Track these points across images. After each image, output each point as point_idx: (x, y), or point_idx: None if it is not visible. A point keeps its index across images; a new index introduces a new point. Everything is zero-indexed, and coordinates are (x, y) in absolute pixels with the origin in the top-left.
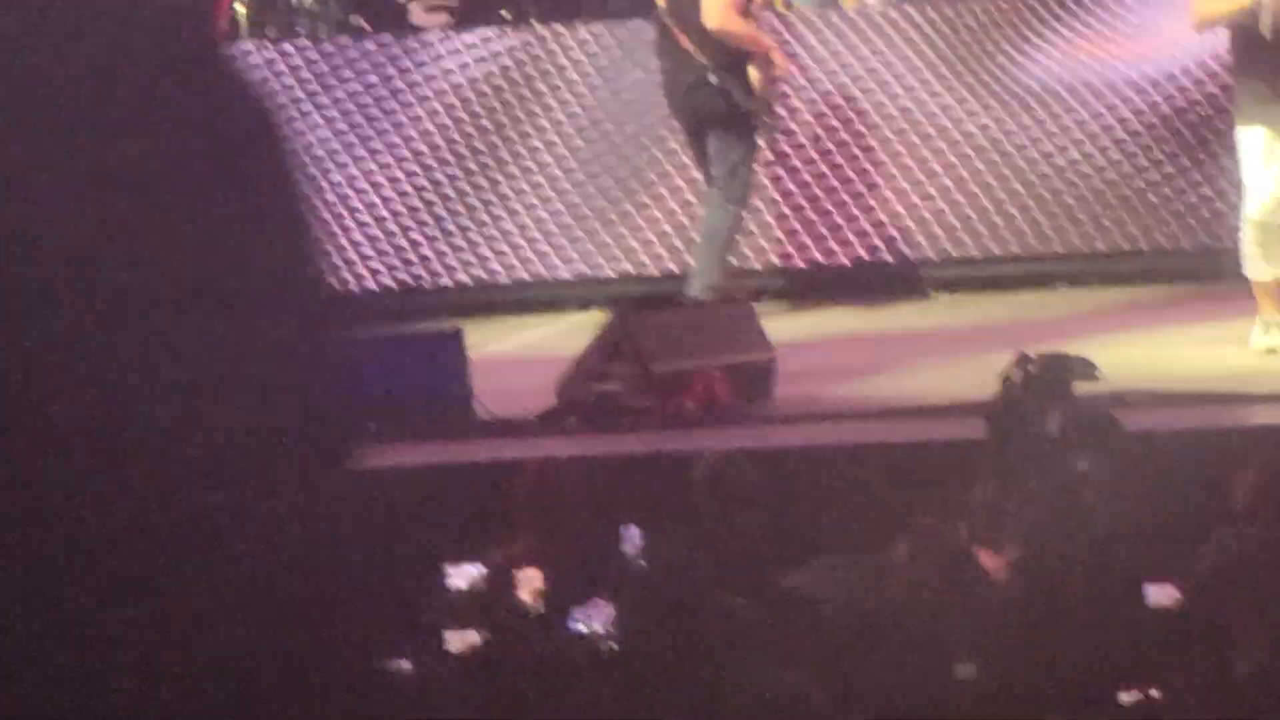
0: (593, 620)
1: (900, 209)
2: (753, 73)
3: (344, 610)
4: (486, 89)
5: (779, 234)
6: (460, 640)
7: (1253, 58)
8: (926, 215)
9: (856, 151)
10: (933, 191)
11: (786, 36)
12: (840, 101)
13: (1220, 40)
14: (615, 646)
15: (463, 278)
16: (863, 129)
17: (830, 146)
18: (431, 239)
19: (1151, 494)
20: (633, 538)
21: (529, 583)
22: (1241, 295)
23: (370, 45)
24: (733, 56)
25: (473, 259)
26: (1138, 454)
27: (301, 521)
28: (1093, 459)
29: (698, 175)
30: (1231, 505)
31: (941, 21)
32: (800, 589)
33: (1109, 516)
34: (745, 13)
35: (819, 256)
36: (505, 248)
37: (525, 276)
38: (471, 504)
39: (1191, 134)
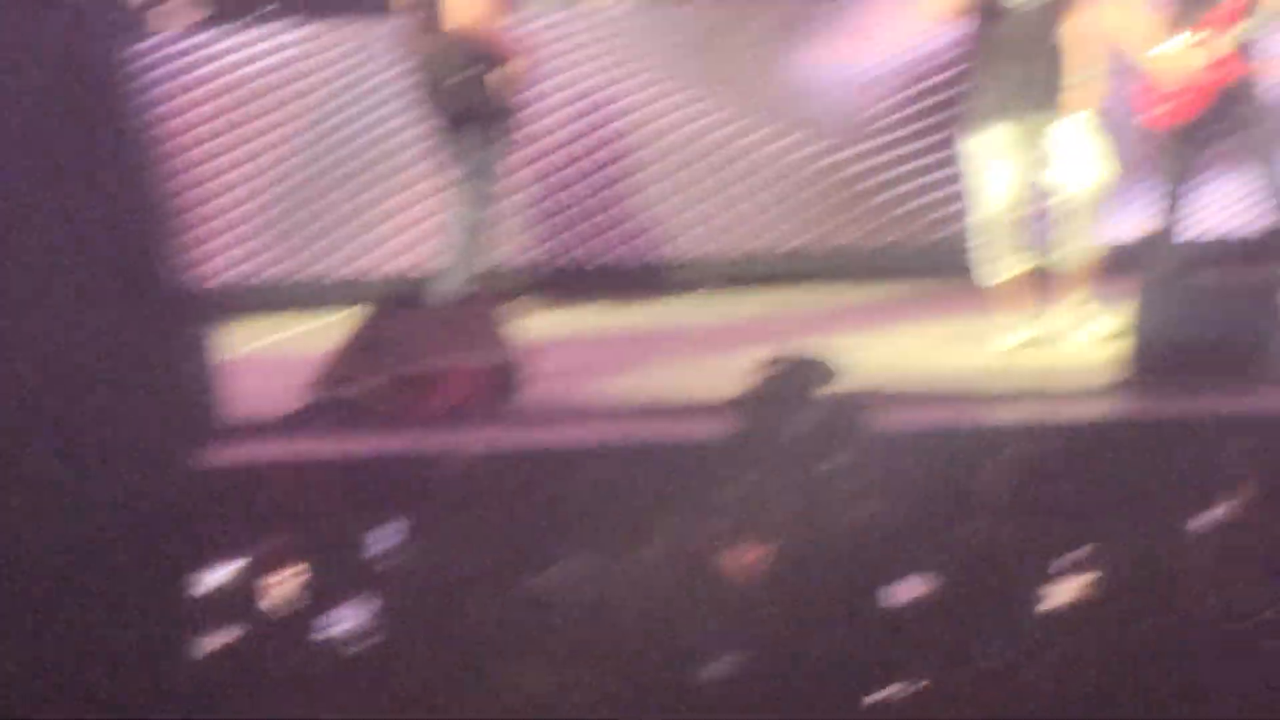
0: (344, 621)
1: (648, 208)
2: (501, 71)
3: (97, 608)
4: (241, 88)
5: (529, 233)
6: (212, 642)
7: (992, 51)
8: (674, 214)
9: (605, 151)
10: (680, 190)
11: (533, 36)
12: (588, 102)
13: (953, 36)
14: (368, 646)
15: (227, 277)
16: (610, 129)
17: (579, 147)
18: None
19: (897, 492)
20: (383, 538)
21: (281, 584)
22: (989, 292)
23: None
24: (482, 54)
25: (231, 257)
26: (883, 452)
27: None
28: (838, 457)
29: (448, 174)
30: (976, 502)
31: (683, 22)
32: (548, 589)
33: (855, 515)
34: (493, 11)
35: (569, 255)
36: (258, 246)
37: (279, 275)
38: (222, 506)
39: (932, 131)
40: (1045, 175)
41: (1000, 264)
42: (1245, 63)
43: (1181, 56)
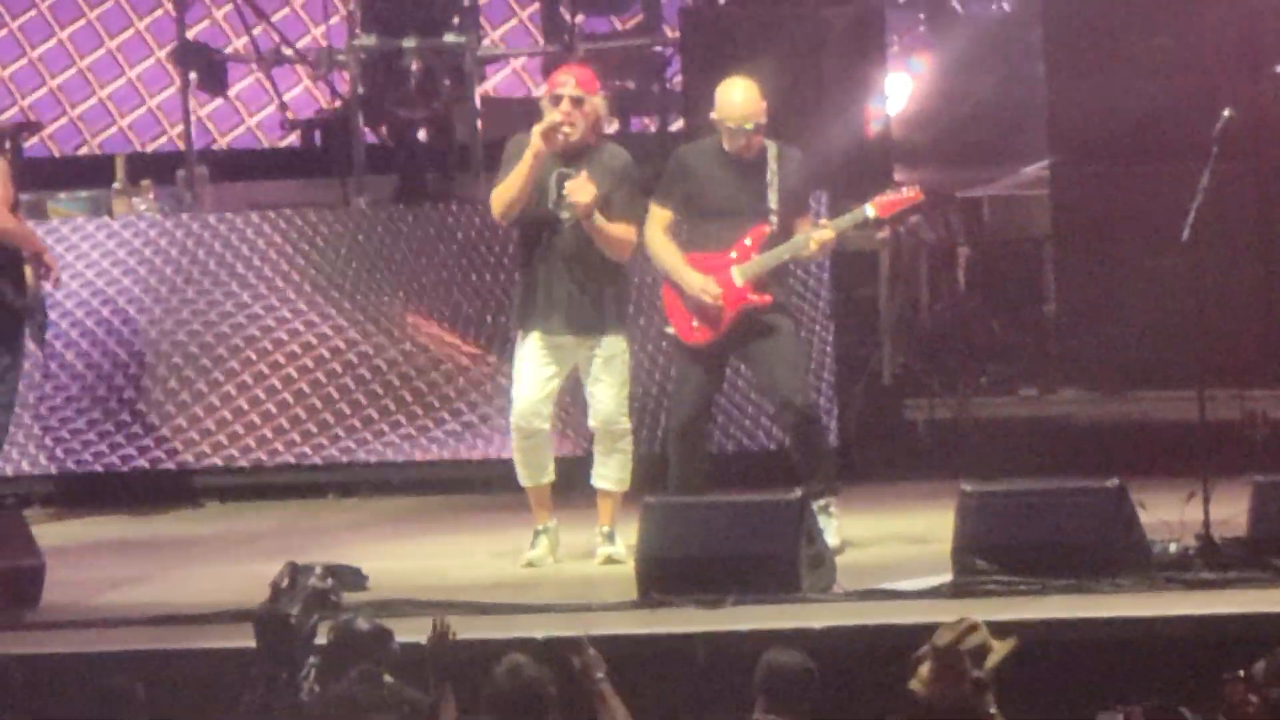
0: None
1: (174, 416)
2: (27, 272)
3: None
4: None
5: (48, 439)
6: None
7: (536, 263)
8: (199, 423)
9: (126, 358)
10: (204, 399)
11: (57, 239)
12: (111, 307)
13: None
14: None
15: None
16: (135, 335)
17: (103, 354)
18: None
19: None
20: None
21: None
22: (521, 505)
23: None
24: (6, 257)
25: None
26: (406, 663)
27: None
28: (361, 669)
29: None
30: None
31: (213, 229)
32: None
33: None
34: (15, 211)
35: (90, 462)
36: None
37: None
38: None
39: (481, 338)
40: (587, 393)
41: (526, 474)
42: (764, 289)
43: (711, 281)
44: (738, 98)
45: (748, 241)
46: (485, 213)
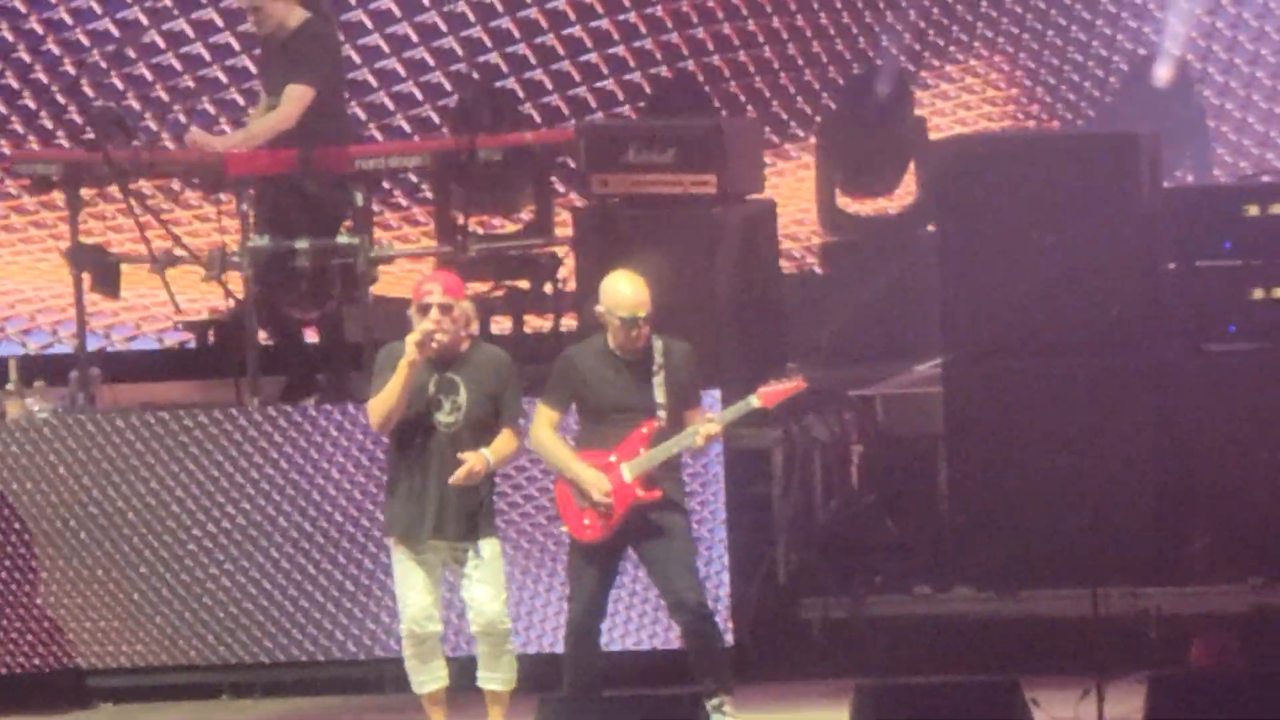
0: None
1: (68, 616)
2: None
3: None
4: None
5: None
6: None
7: (398, 460)
8: (88, 622)
9: (20, 557)
10: (99, 599)
11: None
12: (3, 507)
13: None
14: None
15: None
16: (25, 535)
17: None
18: None
19: None
20: None
21: None
22: (413, 705)
23: None
24: None
25: None
26: None
27: None
28: None
29: None
30: None
31: (106, 430)
32: None
33: None
34: None
35: None
36: None
37: None
38: None
39: (374, 540)
40: (466, 597)
41: (418, 677)
42: (655, 485)
43: (601, 478)
44: (625, 289)
45: (637, 437)
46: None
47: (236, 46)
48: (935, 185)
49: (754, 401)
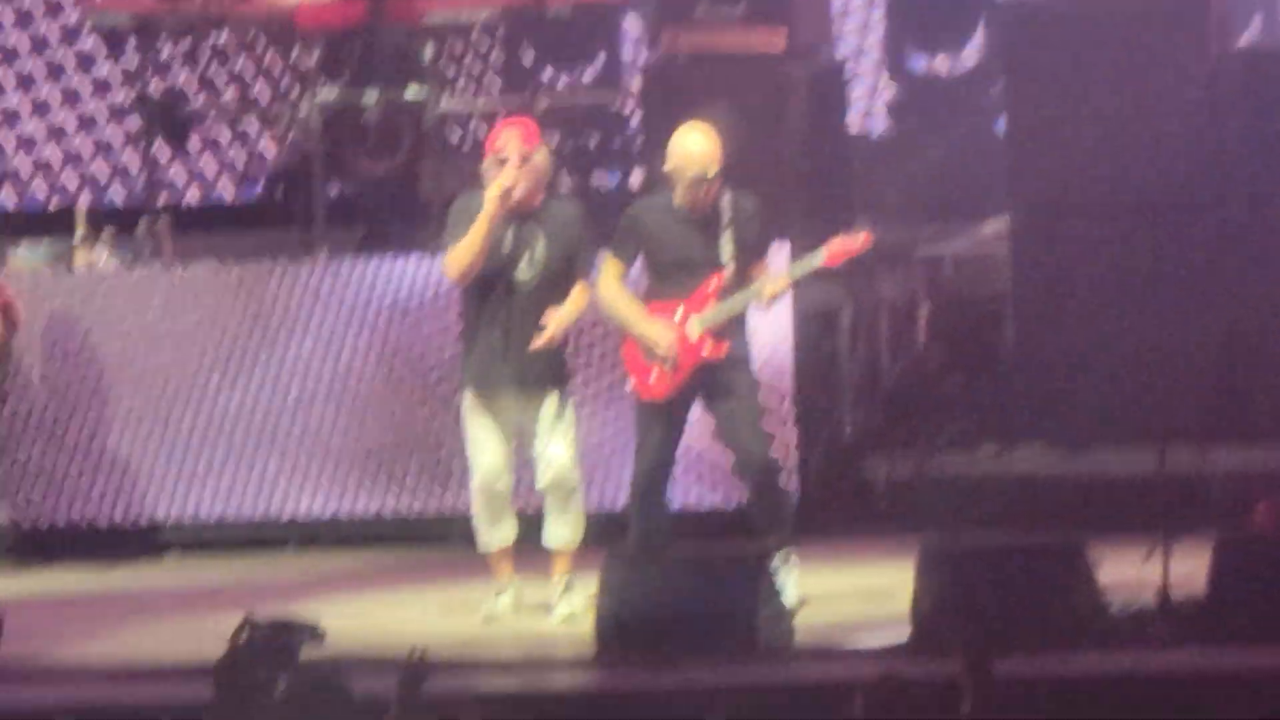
0: None
1: (135, 467)
2: None
3: None
4: None
5: (8, 490)
6: None
7: (487, 320)
8: (157, 473)
9: (88, 410)
10: (166, 452)
11: (22, 289)
12: (72, 359)
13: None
14: None
15: None
16: (96, 386)
17: (65, 405)
18: None
19: None
20: None
21: None
22: (479, 560)
23: None
24: None
25: None
26: (364, 715)
27: None
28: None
29: None
30: None
31: (174, 280)
32: None
33: None
34: None
35: (48, 514)
36: None
37: None
38: None
39: (441, 393)
40: (536, 452)
41: (487, 533)
42: (722, 341)
43: (667, 332)
44: (694, 145)
45: (704, 292)
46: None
47: None
48: (1004, 43)
49: (820, 257)
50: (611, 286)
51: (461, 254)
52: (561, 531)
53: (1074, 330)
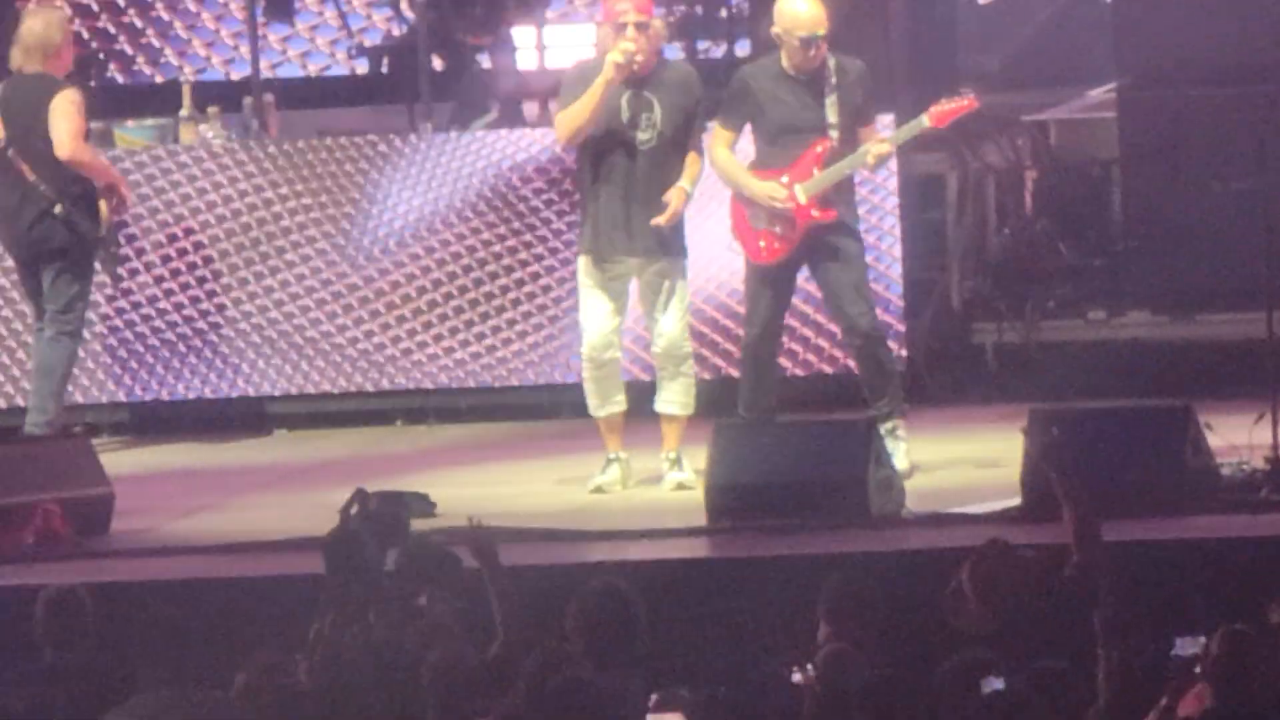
0: None
1: (242, 345)
2: (102, 205)
3: None
4: None
5: (117, 368)
6: None
7: (592, 179)
8: (266, 350)
9: (195, 287)
10: (272, 327)
11: (129, 166)
12: (180, 236)
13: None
14: None
15: None
16: (205, 263)
17: (173, 282)
18: None
19: (489, 626)
20: None
21: None
22: (589, 431)
23: None
24: (81, 188)
25: None
26: (476, 590)
27: None
28: (431, 593)
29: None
30: (565, 639)
31: (280, 156)
32: None
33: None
34: (86, 140)
35: (159, 390)
36: None
37: None
38: None
39: (545, 266)
40: (649, 320)
41: (598, 402)
42: (829, 206)
43: (774, 197)
44: (802, 8)
45: (811, 156)
46: (549, 139)
47: None
48: None
49: (925, 120)
50: (721, 151)
51: (574, 117)
52: (673, 399)
53: (1181, 196)
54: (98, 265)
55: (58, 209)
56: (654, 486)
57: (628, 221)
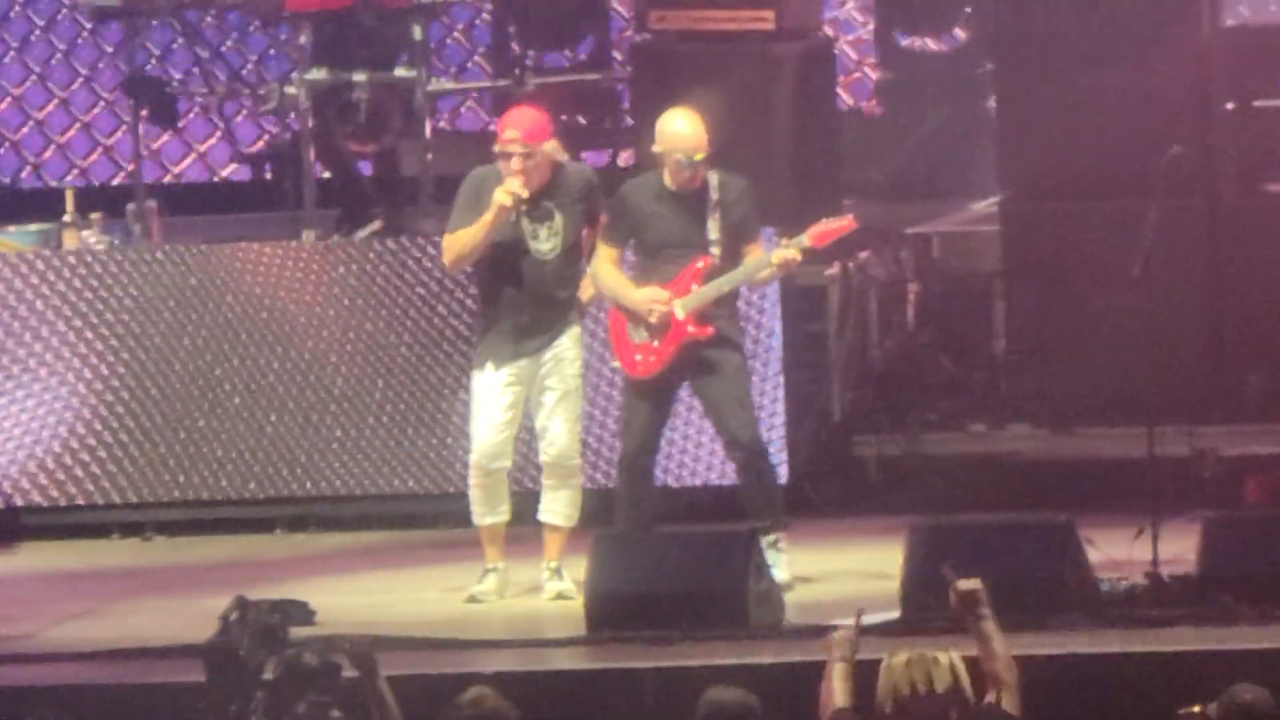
0: None
1: (124, 450)
2: None
3: None
4: None
5: None
6: None
7: (494, 289)
8: (141, 456)
9: (77, 393)
10: (156, 433)
11: (8, 274)
12: (63, 342)
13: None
14: None
15: None
16: (86, 367)
17: (40, 387)
18: None
19: None
20: None
21: None
22: (471, 541)
23: None
24: None
25: None
26: (354, 699)
27: None
28: (309, 702)
29: None
30: None
31: (165, 261)
32: None
33: None
34: None
35: (36, 495)
36: None
37: None
38: None
39: (431, 375)
40: (539, 427)
41: (483, 511)
42: (708, 321)
43: (656, 299)
44: (683, 129)
45: (690, 273)
46: (434, 247)
47: None
48: (992, 22)
49: (804, 241)
50: (604, 266)
51: (464, 242)
52: (558, 509)
53: (1063, 310)
54: None
55: None
56: (534, 596)
57: (520, 325)
